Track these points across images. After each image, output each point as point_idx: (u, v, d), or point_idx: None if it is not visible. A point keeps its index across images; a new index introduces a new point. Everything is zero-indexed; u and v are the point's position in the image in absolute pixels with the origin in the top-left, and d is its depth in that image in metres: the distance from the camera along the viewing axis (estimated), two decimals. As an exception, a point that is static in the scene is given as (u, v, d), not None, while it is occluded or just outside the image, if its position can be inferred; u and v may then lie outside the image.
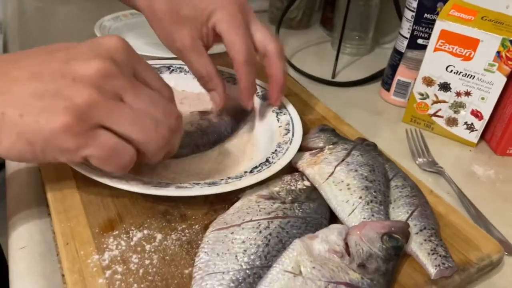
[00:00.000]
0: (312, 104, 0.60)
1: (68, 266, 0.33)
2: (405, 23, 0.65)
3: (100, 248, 0.35)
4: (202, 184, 0.38)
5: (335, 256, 0.33)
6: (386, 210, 0.39)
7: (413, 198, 0.41)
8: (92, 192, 0.40)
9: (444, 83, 0.60)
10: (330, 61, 0.79)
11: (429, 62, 0.60)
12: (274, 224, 0.35)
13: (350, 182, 0.40)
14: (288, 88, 0.63)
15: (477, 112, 0.59)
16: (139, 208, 0.39)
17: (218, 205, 0.40)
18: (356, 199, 0.39)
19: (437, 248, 0.37)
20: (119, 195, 0.40)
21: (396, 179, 0.43)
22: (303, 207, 0.38)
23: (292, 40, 0.90)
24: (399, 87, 0.68)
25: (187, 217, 0.39)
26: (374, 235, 0.35)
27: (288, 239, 0.34)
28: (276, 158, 0.43)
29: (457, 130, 0.62)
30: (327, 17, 0.94)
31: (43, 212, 0.43)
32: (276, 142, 0.46)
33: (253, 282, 0.31)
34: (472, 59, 0.56)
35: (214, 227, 0.36)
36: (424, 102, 0.63)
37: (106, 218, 0.38)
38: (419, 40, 0.64)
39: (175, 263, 0.35)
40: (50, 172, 0.42)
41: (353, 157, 0.43)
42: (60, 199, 0.39)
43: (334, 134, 0.48)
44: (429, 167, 0.56)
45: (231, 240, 0.34)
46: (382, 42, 0.92)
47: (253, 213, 0.37)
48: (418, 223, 0.39)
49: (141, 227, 0.37)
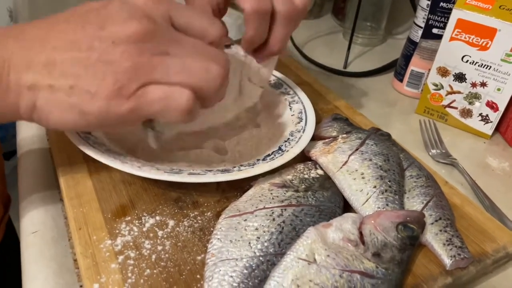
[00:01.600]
0: (324, 94, 0.59)
1: (81, 250, 0.33)
2: (420, 12, 0.63)
3: (112, 233, 0.35)
4: (214, 171, 0.38)
5: (350, 244, 0.33)
6: (400, 200, 0.39)
7: (428, 188, 0.40)
8: (104, 178, 0.40)
9: (459, 73, 0.59)
10: (341, 51, 0.78)
11: (445, 52, 0.58)
12: (288, 212, 0.35)
13: (364, 171, 0.40)
14: (299, 78, 0.62)
15: (493, 104, 0.58)
16: (151, 195, 0.39)
17: (230, 192, 0.40)
18: (370, 188, 0.38)
19: (453, 239, 0.36)
20: (131, 181, 0.39)
21: (411, 169, 0.43)
22: (317, 196, 0.37)
23: (303, 30, 0.89)
24: (413, 77, 0.67)
25: (199, 204, 0.39)
26: (389, 224, 0.34)
27: (302, 227, 0.34)
28: (289, 146, 0.42)
29: (471, 122, 0.61)
30: (339, 6, 0.93)
31: (55, 197, 0.43)
32: (289, 130, 0.45)
33: (267, 269, 0.31)
34: (488, 49, 0.55)
35: (226, 214, 0.36)
36: (438, 93, 0.62)
37: (118, 204, 0.38)
38: (434, 29, 0.63)
39: (187, 249, 0.34)
40: (62, 158, 0.42)
41: (368, 146, 0.42)
42: (72, 185, 0.39)
43: (348, 123, 0.47)
44: (442, 158, 0.55)
45: (244, 227, 0.34)
46: (394, 32, 0.90)
47: (266, 200, 0.36)
48: (433, 213, 0.38)
49: (153, 213, 0.37)
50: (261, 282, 0.30)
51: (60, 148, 0.43)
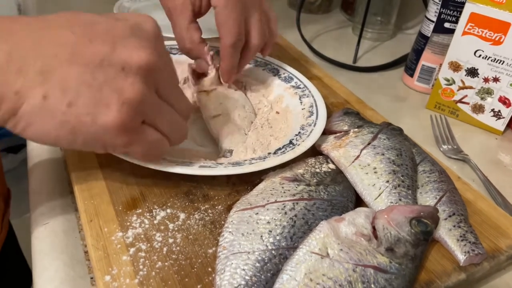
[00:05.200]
0: (334, 88, 0.58)
1: (92, 242, 0.33)
2: (431, 6, 0.63)
3: (123, 225, 0.35)
4: (225, 164, 0.38)
5: (363, 239, 0.32)
6: (413, 195, 0.38)
7: (441, 184, 0.40)
8: (115, 171, 0.40)
9: (471, 68, 0.58)
10: (350, 46, 0.77)
11: (457, 46, 0.58)
12: (300, 205, 0.35)
13: (376, 166, 0.39)
14: (309, 72, 0.62)
15: (505, 99, 0.57)
16: (162, 188, 0.39)
17: (240, 186, 0.40)
18: (383, 183, 0.38)
19: (467, 235, 0.36)
20: (142, 174, 0.39)
21: (424, 164, 0.42)
22: (329, 190, 0.37)
23: (312, 25, 0.88)
24: (424, 72, 0.66)
25: (209, 197, 0.39)
26: (403, 219, 0.34)
27: (314, 221, 0.34)
28: (300, 140, 0.42)
29: (483, 117, 0.60)
30: (348, 1, 0.92)
31: (65, 189, 0.43)
32: (300, 124, 0.45)
33: (279, 262, 0.31)
34: (502, 43, 0.54)
35: (238, 207, 0.35)
36: (449, 88, 0.61)
37: (129, 197, 0.37)
38: (446, 23, 0.62)
39: (198, 242, 0.34)
40: (73, 151, 0.41)
41: (380, 141, 0.42)
42: (83, 178, 0.39)
43: (359, 118, 0.47)
44: (454, 154, 0.54)
45: (256, 221, 0.33)
46: (404, 27, 0.89)
47: (278, 194, 0.36)
48: (446, 209, 0.38)
49: (164, 206, 0.37)
50: (273, 275, 0.30)
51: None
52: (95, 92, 0.28)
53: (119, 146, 0.31)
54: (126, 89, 0.29)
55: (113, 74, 0.29)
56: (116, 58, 0.29)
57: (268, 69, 0.54)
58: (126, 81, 0.29)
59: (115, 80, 0.29)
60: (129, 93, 0.29)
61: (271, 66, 0.54)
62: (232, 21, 0.43)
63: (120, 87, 0.29)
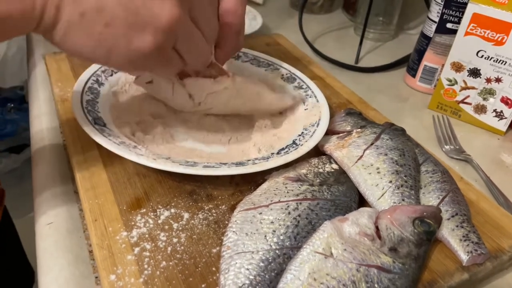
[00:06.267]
0: (337, 88, 0.58)
1: (97, 242, 0.33)
2: (434, 6, 0.63)
3: (128, 225, 0.35)
4: (229, 164, 0.38)
5: (366, 239, 0.32)
6: (416, 195, 0.38)
7: (444, 184, 0.40)
8: (119, 171, 0.40)
9: (474, 68, 0.58)
10: (352, 46, 0.77)
11: (459, 47, 0.58)
12: (303, 205, 0.35)
13: (379, 166, 0.39)
14: (312, 72, 0.62)
15: (508, 99, 0.57)
16: (166, 187, 0.39)
17: (244, 186, 0.40)
18: (386, 183, 0.38)
19: (469, 235, 0.36)
20: (146, 174, 0.39)
21: (427, 164, 0.42)
22: (332, 190, 0.37)
23: (313, 25, 0.88)
24: (426, 73, 0.67)
25: (213, 197, 0.39)
26: (406, 219, 0.34)
27: (318, 221, 0.34)
28: (303, 141, 0.42)
29: (485, 118, 0.60)
30: (350, 1, 0.92)
31: (69, 189, 0.43)
32: (303, 124, 0.45)
33: (283, 262, 0.31)
34: (504, 44, 0.55)
35: (241, 207, 0.36)
36: (452, 88, 0.61)
37: (133, 196, 0.38)
38: (449, 24, 0.62)
39: (202, 242, 0.34)
40: (77, 150, 0.42)
41: (383, 141, 0.42)
42: (87, 177, 0.39)
43: (362, 118, 0.47)
44: (456, 154, 0.54)
45: (260, 221, 0.33)
46: (406, 27, 0.90)
47: (281, 194, 0.36)
48: (449, 209, 0.38)
49: (168, 206, 0.37)
50: (277, 275, 0.30)
51: (74, 140, 0.43)
52: (132, 15, 0.29)
53: (149, 67, 0.32)
54: (162, 14, 0.29)
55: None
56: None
57: (270, 69, 0.54)
58: (163, 6, 0.29)
59: (152, 3, 0.29)
60: (165, 19, 0.29)
61: (273, 67, 0.54)
62: (242, 9, 0.43)
63: (156, 11, 0.29)
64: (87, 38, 0.29)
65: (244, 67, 0.54)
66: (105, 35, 0.29)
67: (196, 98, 0.43)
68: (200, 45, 0.34)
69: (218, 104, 0.44)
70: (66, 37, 0.29)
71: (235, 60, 0.55)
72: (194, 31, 0.33)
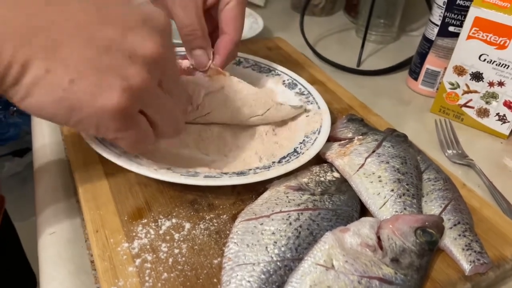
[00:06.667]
0: (338, 93, 0.58)
1: (99, 253, 0.33)
2: (436, 9, 0.62)
3: (129, 236, 0.35)
4: (230, 174, 0.38)
5: (368, 250, 0.32)
6: (418, 204, 0.38)
7: (446, 192, 0.40)
8: (120, 180, 0.40)
9: (476, 72, 0.58)
10: (354, 49, 0.77)
11: (461, 50, 0.57)
12: (304, 216, 0.35)
13: (381, 174, 0.39)
14: (313, 76, 0.62)
15: (510, 103, 0.57)
16: (167, 197, 0.39)
17: (245, 195, 0.40)
18: (387, 192, 0.38)
19: (472, 244, 0.36)
20: (147, 183, 0.40)
21: (429, 171, 0.42)
22: (333, 199, 0.37)
23: (315, 28, 0.88)
24: (428, 76, 0.66)
25: (214, 206, 0.39)
26: (408, 229, 0.34)
27: (319, 232, 0.34)
28: (304, 149, 0.42)
29: (488, 122, 0.60)
30: (352, 3, 0.92)
31: (71, 199, 0.43)
32: (304, 132, 0.45)
33: (284, 274, 0.31)
34: (507, 47, 0.54)
35: (242, 217, 0.36)
36: (454, 92, 0.61)
37: (135, 207, 0.38)
38: (451, 27, 0.62)
39: (204, 252, 0.34)
40: (78, 160, 0.42)
41: (384, 149, 0.42)
42: (89, 187, 0.39)
43: (363, 124, 0.47)
44: (459, 159, 0.54)
45: (261, 231, 0.33)
46: (408, 29, 0.89)
47: (282, 204, 0.36)
48: (451, 218, 0.38)
49: (169, 216, 0.37)
50: (278, 287, 0.30)
51: (76, 150, 0.43)
52: (99, 74, 0.28)
53: (112, 131, 0.31)
54: (131, 76, 0.29)
55: (120, 60, 0.29)
56: (125, 45, 0.29)
57: (272, 75, 0.54)
58: (132, 69, 0.29)
59: (121, 65, 0.29)
60: (133, 80, 0.29)
61: (275, 72, 0.54)
62: (241, 19, 0.43)
63: (125, 73, 0.29)
64: (49, 95, 0.28)
65: (245, 73, 0.54)
66: (68, 92, 0.28)
67: (194, 101, 0.43)
68: (170, 112, 0.34)
69: (216, 107, 0.44)
70: (28, 96, 0.28)
71: (237, 65, 0.55)
72: (163, 97, 0.32)
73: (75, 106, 0.29)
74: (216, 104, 0.44)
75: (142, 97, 0.30)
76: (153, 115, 0.32)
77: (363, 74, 0.72)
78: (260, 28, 0.76)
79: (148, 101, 0.31)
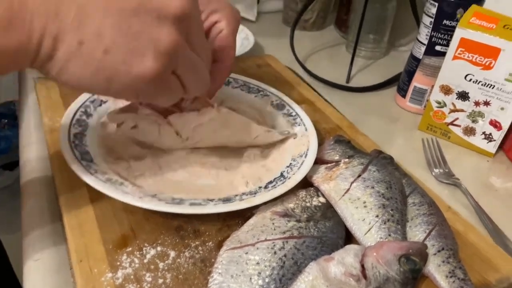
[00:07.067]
0: (327, 113, 0.59)
1: (82, 283, 0.33)
2: (423, 29, 0.63)
3: (113, 265, 0.35)
4: (216, 201, 0.38)
5: (352, 279, 0.32)
6: (403, 230, 0.38)
7: (430, 217, 0.40)
8: (106, 206, 0.40)
9: (462, 92, 0.58)
10: (344, 64, 0.78)
11: (448, 70, 0.58)
12: (289, 244, 0.35)
13: (366, 200, 0.39)
14: (302, 95, 0.62)
15: (496, 123, 0.58)
16: (152, 224, 0.39)
17: (231, 220, 0.40)
18: (372, 218, 0.38)
19: (456, 271, 0.36)
20: (133, 210, 0.39)
21: (414, 195, 0.42)
22: (319, 226, 0.37)
23: (306, 42, 0.89)
24: (416, 94, 0.67)
25: (200, 233, 0.39)
26: (391, 257, 0.34)
27: (304, 261, 0.34)
28: (291, 173, 0.42)
29: (474, 140, 0.60)
30: (342, 18, 0.93)
31: (57, 223, 0.43)
32: (291, 155, 0.45)
33: (268, 306, 0.31)
34: (492, 68, 0.55)
35: (228, 246, 0.36)
36: (441, 110, 0.61)
37: (120, 234, 0.37)
38: (437, 46, 0.62)
39: (188, 282, 0.34)
40: (65, 185, 0.42)
41: (370, 173, 0.42)
42: (74, 214, 0.39)
43: (350, 147, 0.47)
44: (445, 178, 0.54)
45: (245, 261, 0.33)
46: (398, 44, 0.90)
47: (268, 231, 0.36)
48: (436, 244, 0.38)
49: (154, 244, 0.37)
50: (262, 319, 0.30)
51: (62, 173, 0.42)
52: (131, 41, 0.28)
53: (151, 95, 0.31)
54: (162, 39, 0.29)
55: (149, 22, 0.29)
56: (151, 6, 0.29)
57: (260, 95, 0.55)
58: (162, 31, 0.29)
59: (151, 28, 0.29)
60: (165, 44, 0.29)
61: (263, 93, 0.55)
62: (235, 46, 0.44)
63: (155, 36, 0.29)
64: (86, 67, 0.29)
65: (234, 93, 0.54)
66: (104, 62, 0.28)
67: (184, 134, 0.43)
68: (200, 70, 0.35)
69: (205, 137, 0.44)
70: (64, 69, 0.29)
71: (226, 86, 0.55)
72: (193, 56, 0.33)
73: (113, 76, 0.29)
74: (205, 134, 0.45)
75: (175, 58, 0.30)
76: (184, 74, 0.33)
77: (352, 90, 0.73)
78: (251, 44, 0.76)
79: (180, 61, 0.31)
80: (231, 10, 0.45)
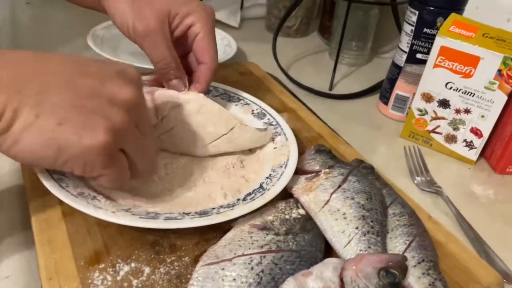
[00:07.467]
0: (309, 121, 0.58)
1: (51, 303, 0.32)
2: (404, 37, 0.63)
3: (85, 283, 0.33)
4: (192, 215, 0.37)
5: (330, 295, 0.32)
6: (383, 241, 0.38)
7: (411, 228, 0.40)
8: (79, 220, 0.39)
9: (443, 99, 0.59)
10: (327, 71, 0.78)
11: (428, 78, 0.58)
12: (267, 259, 0.34)
13: (346, 211, 0.39)
14: (284, 104, 0.61)
15: (477, 130, 0.58)
16: (127, 239, 0.38)
17: (209, 234, 0.39)
18: (352, 230, 0.38)
19: (436, 283, 0.36)
20: (107, 224, 0.38)
21: (394, 206, 0.42)
22: (298, 239, 0.36)
23: (289, 49, 0.88)
24: (398, 101, 0.67)
25: (176, 247, 0.38)
26: (371, 270, 0.34)
27: (281, 276, 0.33)
28: (270, 184, 0.41)
29: (456, 147, 0.60)
30: (325, 24, 0.93)
31: (29, 239, 0.41)
32: (271, 165, 0.45)
33: (244, 324, 0.30)
34: (472, 76, 0.55)
35: (204, 261, 0.35)
36: (422, 118, 0.61)
37: (92, 250, 0.36)
38: (418, 54, 0.63)
39: (163, 300, 0.33)
40: (36, 199, 0.40)
41: (350, 184, 0.41)
42: (45, 229, 0.38)
43: (330, 156, 0.46)
44: (427, 186, 0.54)
45: (222, 277, 0.32)
46: (381, 51, 0.90)
47: (246, 246, 0.35)
48: (416, 255, 0.37)
49: (128, 260, 0.36)
50: (238, 338, 0.29)
51: (34, 187, 0.41)
52: (84, 116, 0.31)
53: (97, 168, 0.33)
54: (113, 116, 0.32)
55: (101, 104, 0.32)
56: (104, 92, 0.32)
57: (241, 104, 0.54)
58: (113, 111, 0.32)
59: (103, 108, 0.32)
60: (115, 121, 0.32)
61: (244, 101, 0.54)
62: (214, 46, 0.46)
63: (107, 114, 0.32)
64: (39, 137, 0.30)
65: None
66: (57, 132, 0.30)
67: (160, 112, 0.44)
68: (147, 151, 0.37)
69: (180, 122, 0.44)
70: (18, 140, 0.30)
71: (206, 94, 0.54)
72: (141, 137, 0.35)
73: (63, 146, 0.31)
74: (180, 119, 0.45)
75: (124, 135, 0.33)
76: (132, 153, 0.35)
77: (335, 98, 0.73)
78: (234, 51, 0.76)
79: (128, 139, 0.34)
80: (204, 10, 0.47)
